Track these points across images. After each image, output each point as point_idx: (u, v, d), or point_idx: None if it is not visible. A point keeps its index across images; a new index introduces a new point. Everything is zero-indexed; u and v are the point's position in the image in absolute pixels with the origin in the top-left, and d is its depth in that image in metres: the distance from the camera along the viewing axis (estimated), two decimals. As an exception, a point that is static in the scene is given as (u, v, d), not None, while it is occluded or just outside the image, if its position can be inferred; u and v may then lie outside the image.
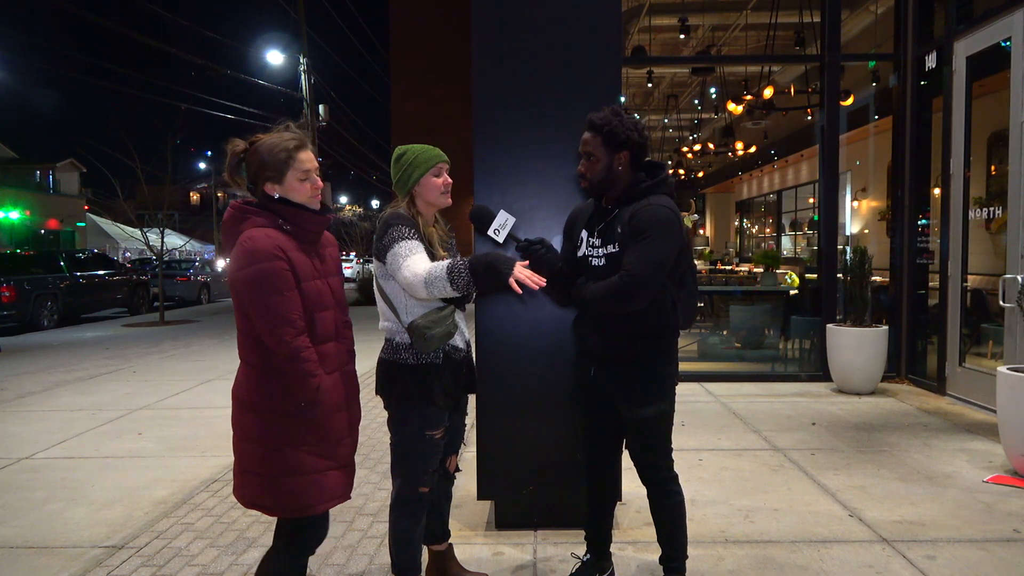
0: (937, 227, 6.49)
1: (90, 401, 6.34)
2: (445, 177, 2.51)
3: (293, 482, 2.12)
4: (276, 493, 2.12)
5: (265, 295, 2.03)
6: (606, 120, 2.39)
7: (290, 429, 2.11)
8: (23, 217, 25.86)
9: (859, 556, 3.05)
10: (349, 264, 32.36)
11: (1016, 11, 5.20)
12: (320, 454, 2.16)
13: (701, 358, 8.04)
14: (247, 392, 2.15)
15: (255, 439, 2.13)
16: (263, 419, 2.12)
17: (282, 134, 2.19)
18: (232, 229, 2.14)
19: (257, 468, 2.13)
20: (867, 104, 9.24)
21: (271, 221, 2.12)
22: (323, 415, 2.14)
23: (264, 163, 2.13)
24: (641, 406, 2.46)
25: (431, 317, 2.39)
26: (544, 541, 3.22)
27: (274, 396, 2.10)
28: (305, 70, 23.45)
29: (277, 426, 2.11)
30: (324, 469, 2.16)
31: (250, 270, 2.03)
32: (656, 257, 2.30)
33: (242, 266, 2.04)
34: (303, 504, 2.14)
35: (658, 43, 11.29)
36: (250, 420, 2.14)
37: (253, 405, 2.13)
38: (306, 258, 2.15)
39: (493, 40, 3.27)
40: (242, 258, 2.05)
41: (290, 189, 2.15)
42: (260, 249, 2.03)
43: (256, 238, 2.06)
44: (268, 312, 2.03)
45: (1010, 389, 4.02)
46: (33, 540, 3.34)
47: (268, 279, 2.03)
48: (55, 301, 13.36)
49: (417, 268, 2.29)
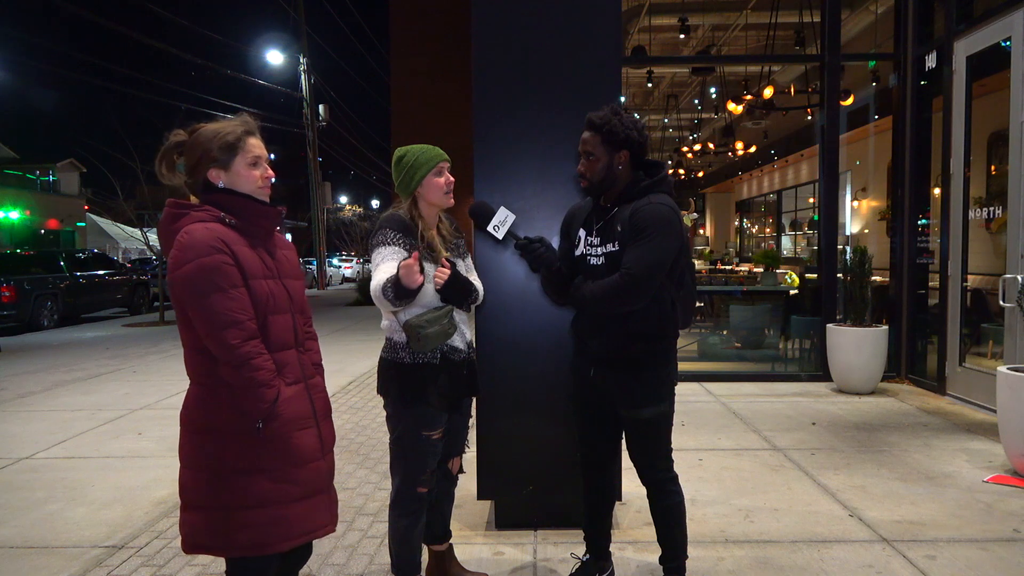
0: (937, 227, 6.49)
1: (90, 401, 6.34)
2: (447, 176, 2.51)
3: (248, 515, 1.84)
4: (227, 530, 1.84)
5: (204, 294, 1.78)
6: (606, 119, 2.39)
7: (244, 452, 1.83)
8: (23, 217, 25.86)
9: (859, 556, 3.05)
10: (349, 264, 32.40)
11: (1016, 11, 5.19)
12: (283, 479, 1.87)
13: (701, 358, 8.04)
14: (192, 412, 1.89)
15: (201, 466, 1.86)
16: (210, 441, 1.84)
17: (234, 119, 1.98)
18: (167, 228, 1.90)
19: (203, 501, 1.85)
20: (867, 104, 9.25)
21: (212, 216, 1.88)
22: (283, 432, 1.87)
23: (208, 148, 1.90)
24: (640, 407, 2.45)
25: (426, 316, 2.39)
26: (544, 541, 3.22)
27: (222, 414, 1.84)
28: (305, 70, 23.45)
29: (228, 450, 1.83)
30: (287, 500, 1.88)
31: (187, 267, 1.78)
32: (656, 257, 2.30)
33: (178, 264, 1.80)
34: (259, 541, 1.85)
35: (658, 43, 11.29)
36: (195, 444, 1.87)
37: (199, 426, 1.86)
38: (254, 254, 1.92)
39: (493, 40, 3.27)
40: (178, 254, 1.81)
41: (237, 176, 1.93)
42: (198, 242, 1.80)
43: (193, 231, 1.82)
44: (209, 312, 1.77)
45: (1010, 389, 4.02)
46: (33, 540, 3.34)
47: (207, 275, 1.78)
48: (55, 301, 13.35)
49: (378, 278, 2.29)
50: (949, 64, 6.03)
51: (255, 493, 1.85)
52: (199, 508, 1.87)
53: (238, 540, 1.84)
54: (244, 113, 2.02)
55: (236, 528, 1.84)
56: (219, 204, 1.92)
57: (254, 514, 1.85)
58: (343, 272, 31.90)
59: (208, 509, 1.85)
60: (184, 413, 1.92)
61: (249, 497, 1.84)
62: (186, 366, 1.93)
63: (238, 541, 1.85)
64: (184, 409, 1.93)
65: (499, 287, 3.24)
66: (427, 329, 2.36)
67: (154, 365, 8.41)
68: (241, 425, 1.84)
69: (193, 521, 1.88)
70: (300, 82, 23.80)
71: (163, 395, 6.53)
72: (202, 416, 1.87)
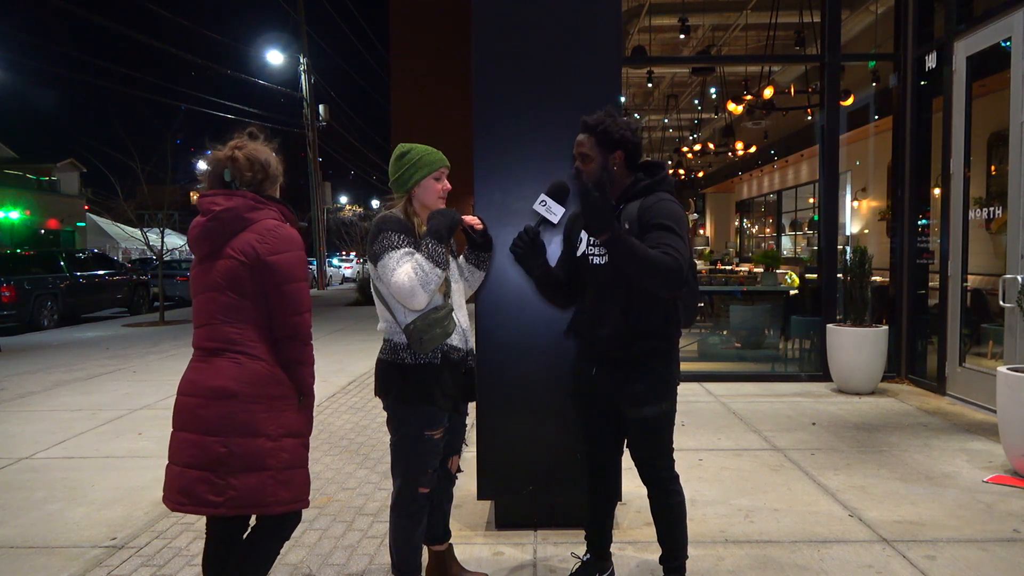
0: (937, 227, 6.49)
1: (90, 401, 6.34)
2: (445, 183, 2.51)
3: (294, 474, 2.13)
4: (277, 487, 2.08)
5: (300, 279, 2.09)
6: (599, 121, 2.40)
7: (294, 419, 2.14)
8: (23, 217, 25.86)
9: (859, 556, 3.05)
10: (349, 264, 32.40)
11: (1016, 11, 5.19)
12: (306, 445, 2.21)
13: (701, 358, 8.04)
14: (250, 385, 2.06)
15: (256, 433, 2.06)
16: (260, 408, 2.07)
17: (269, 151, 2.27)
18: (241, 217, 2.10)
19: (255, 464, 2.05)
20: (867, 104, 9.24)
21: (286, 218, 2.20)
22: (309, 406, 2.21)
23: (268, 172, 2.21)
24: (642, 406, 2.45)
25: (428, 319, 2.39)
26: (544, 541, 3.22)
27: (277, 384, 2.11)
28: (305, 70, 23.45)
29: (281, 417, 2.11)
30: (306, 463, 2.21)
31: (291, 255, 2.08)
32: (687, 250, 2.27)
33: (284, 249, 2.08)
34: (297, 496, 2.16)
35: (658, 43, 11.29)
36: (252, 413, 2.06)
37: (250, 396, 2.06)
38: None
39: (493, 40, 3.27)
40: (283, 242, 2.09)
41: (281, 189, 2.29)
42: (296, 238, 2.12)
43: (285, 227, 2.13)
44: (299, 295, 2.09)
45: (1010, 389, 4.02)
46: (33, 540, 3.34)
47: (303, 266, 2.11)
48: (55, 301, 13.36)
49: (404, 279, 2.29)
50: (949, 64, 6.03)
51: (299, 455, 2.15)
52: (250, 471, 2.04)
53: (283, 496, 2.10)
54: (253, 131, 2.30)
55: (284, 485, 2.09)
56: (282, 212, 2.21)
57: (297, 473, 2.14)
58: (343, 272, 31.92)
59: (260, 471, 2.06)
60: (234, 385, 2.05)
61: (295, 459, 2.13)
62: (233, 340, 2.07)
63: (284, 497, 2.10)
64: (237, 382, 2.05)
65: (498, 287, 3.24)
66: (429, 333, 2.38)
67: (154, 365, 8.41)
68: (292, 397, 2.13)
69: (244, 484, 2.04)
70: (300, 82, 23.81)
71: (163, 395, 6.53)
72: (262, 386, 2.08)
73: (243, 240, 2.08)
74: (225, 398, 2.05)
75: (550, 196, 2.46)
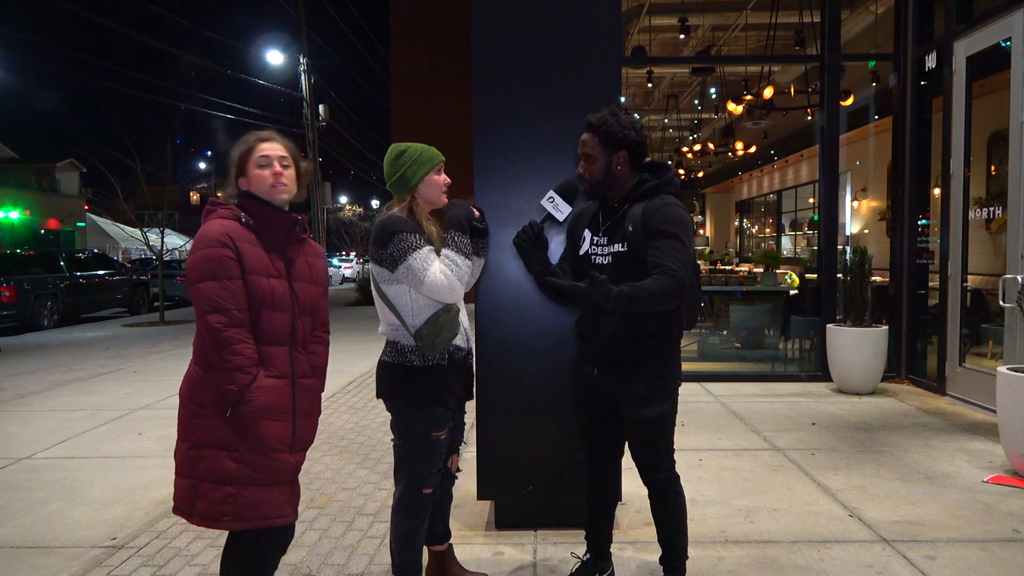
0: (937, 227, 6.49)
1: (90, 401, 6.34)
2: (444, 176, 2.51)
3: (208, 488, 2.02)
4: (193, 498, 2.05)
5: (200, 279, 1.99)
6: (603, 120, 2.40)
7: (216, 429, 2.02)
8: (23, 217, 25.86)
9: (859, 556, 3.05)
10: (349, 264, 32.39)
11: (1016, 11, 5.19)
12: (242, 461, 2.02)
13: (701, 358, 8.04)
14: (186, 386, 2.10)
15: (184, 436, 2.08)
16: (195, 415, 2.05)
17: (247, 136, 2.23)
18: (202, 224, 2.14)
19: (181, 469, 2.09)
20: (867, 104, 9.25)
21: (233, 214, 2.11)
22: (252, 418, 2.00)
23: (232, 161, 2.18)
24: (643, 406, 2.45)
25: (439, 322, 2.40)
26: (544, 541, 3.22)
27: (208, 392, 2.03)
28: (305, 70, 23.45)
29: (206, 425, 2.03)
30: (243, 482, 2.02)
31: (194, 255, 2.03)
32: (690, 257, 2.31)
33: (190, 253, 2.07)
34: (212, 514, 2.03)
35: (658, 43, 11.28)
36: (183, 415, 2.09)
37: (188, 400, 2.08)
38: (262, 253, 2.09)
39: (493, 40, 3.27)
40: (192, 246, 2.08)
41: (252, 178, 2.14)
42: (208, 235, 2.03)
43: (209, 226, 2.06)
44: (201, 297, 1.99)
45: (1010, 389, 4.02)
46: (33, 540, 3.34)
47: (207, 264, 1.99)
48: (55, 301, 13.36)
49: (440, 277, 2.32)
50: (949, 64, 6.03)
51: (217, 469, 2.02)
52: (179, 475, 2.10)
53: (198, 509, 2.04)
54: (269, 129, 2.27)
55: (198, 497, 2.04)
56: (242, 206, 2.14)
57: (213, 488, 2.02)
58: (343, 272, 31.91)
59: (184, 476, 2.08)
60: (181, 387, 2.13)
61: (213, 472, 2.02)
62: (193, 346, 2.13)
63: (198, 510, 2.04)
64: (182, 383, 2.13)
65: (498, 287, 3.24)
66: (441, 335, 2.39)
67: (154, 365, 8.41)
68: (220, 405, 2.02)
69: (177, 485, 2.10)
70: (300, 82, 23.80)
71: (163, 395, 6.53)
72: (192, 391, 2.08)
73: None
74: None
75: (559, 194, 2.48)
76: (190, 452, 2.06)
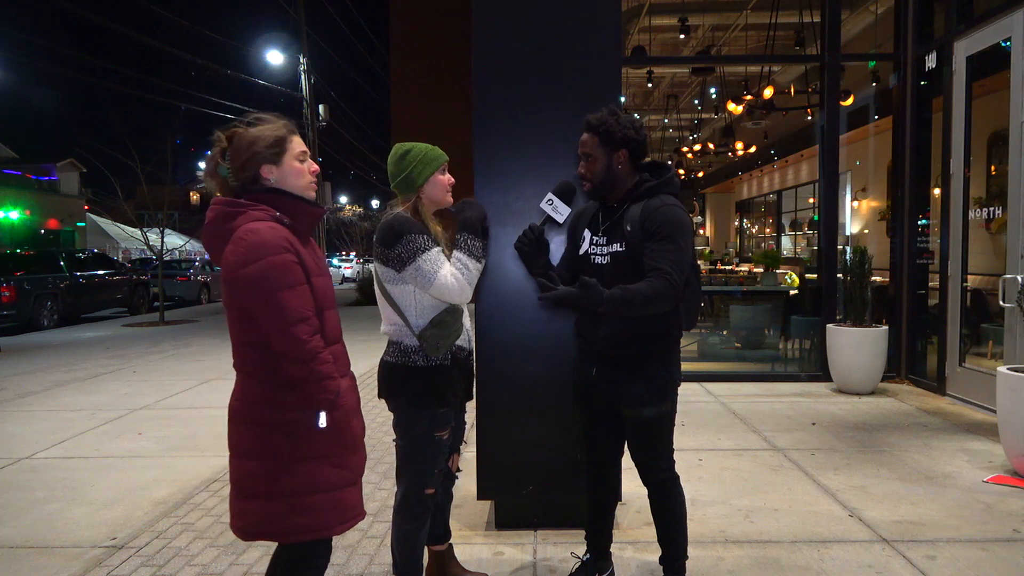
0: (937, 227, 6.49)
1: (90, 401, 6.34)
2: (449, 176, 2.51)
3: (311, 500, 1.91)
4: (291, 515, 1.90)
5: (275, 291, 1.81)
6: (602, 120, 2.40)
7: (307, 441, 1.90)
8: (23, 217, 25.86)
9: (859, 556, 3.05)
10: (349, 264, 32.40)
11: (1016, 11, 5.19)
12: (341, 465, 1.97)
13: (701, 358, 8.04)
14: (249, 406, 1.92)
15: (259, 455, 1.90)
16: (269, 432, 1.89)
17: (272, 120, 2.02)
18: (221, 228, 1.90)
19: (264, 490, 1.89)
20: (867, 104, 9.25)
21: (270, 215, 1.90)
22: (343, 420, 1.96)
23: (257, 146, 1.94)
24: (643, 406, 2.45)
25: (443, 323, 2.40)
26: (544, 541, 3.22)
27: (285, 405, 1.89)
28: (305, 70, 23.45)
29: (291, 439, 1.89)
30: (344, 484, 1.97)
31: (256, 265, 1.81)
32: (686, 260, 2.31)
33: (246, 262, 1.81)
34: (320, 524, 1.93)
35: (658, 43, 11.29)
36: (254, 436, 1.90)
37: (255, 418, 1.90)
38: (308, 252, 1.97)
39: (493, 40, 3.27)
40: (245, 253, 1.82)
41: (288, 171, 1.97)
42: (267, 242, 1.82)
43: (259, 230, 1.84)
44: (280, 309, 1.81)
45: (1010, 389, 4.02)
46: (33, 540, 3.34)
47: (278, 273, 1.82)
48: (55, 301, 13.36)
49: (451, 280, 2.33)
50: (949, 64, 6.03)
51: (319, 479, 1.92)
52: (260, 497, 1.91)
53: (300, 524, 1.91)
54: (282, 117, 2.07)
55: (299, 513, 1.90)
56: (272, 203, 1.94)
57: (317, 498, 1.92)
58: (343, 272, 31.93)
59: (270, 497, 1.90)
60: (237, 407, 1.95)
61: (313, 483, 1.91)
62: (238, 361, 1.96)
63: (300, 525, 1.91)
64: (237, 402, 1.95)
65: (498, 288, 3.24)
66: (445, 336, 2.39)
67: (154, 365, 8.41)
68: (301, 416, 1.89)
69: (253, 509, 1.92)
70: (300, 82, 23.80)
71: (163, 395, 6.53)
72: (259, 409, 1.91)
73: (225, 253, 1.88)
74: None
75: (557, 196, 2.49)
76: (273, 471, 1.90)
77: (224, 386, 6.95)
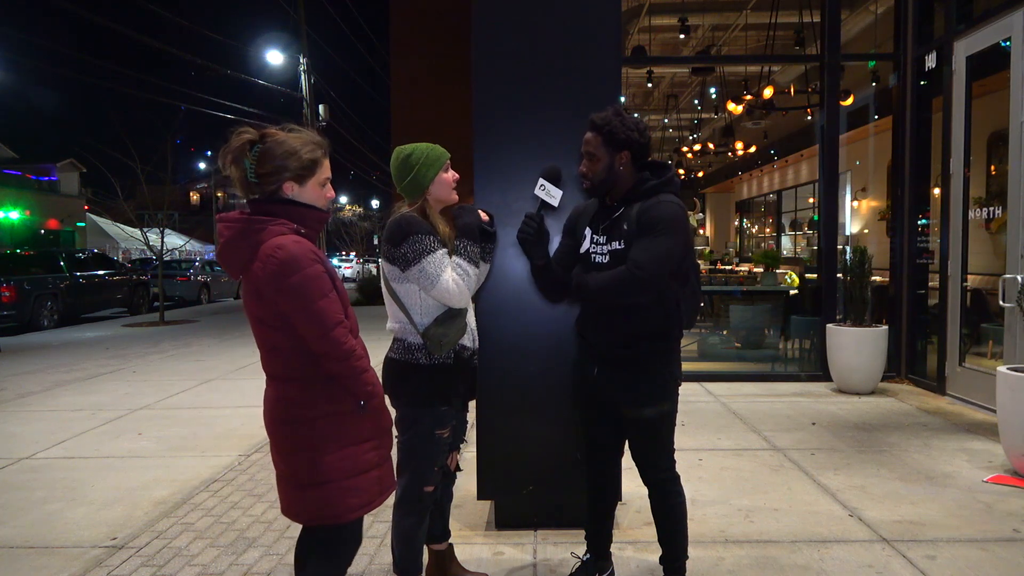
0: (937, 227, 6.49)
1: (90, 401, 6.34)
2: (453, 172, 2.51)
3: (359, 481, 2.10)
4: (342, 497, 2.08)
5: (313, 301, 1.97)
6: (607, 120, 2.40)
7: (351, 428, 2.08)
8: (23, 217, 25.86)
9: (859, 556, 3.05)
10: (349, 264, 32.40)
11: (1016, 11, 5.20)
12: (380, 445, 2.16)
13: (701, 358, 8.04)
14: (289, 406, 2.07)
15: (306, 448, 2.06)
16: (314, 427, 2.05)
17: (310, 136, 2.13)
18: (244, 243, 2.02)
19: (316, 478, 2.06)
20: (867, 104, 9.25)
21: (288, 227, 2.04)
22: (379, 405, 2.13)
23: (288, 163, 2.05)
24: (643, 406, 2.46)
25: (447, 322, 2.41)
26: (544, 541, 3.22)
27: (329, 399, 2.05)
28: (305, 70, 23.45)
29: (335, 429, 2.06)
30: (382, 461, 2.17)
31: (295, 278, 1.96)
32: (663, 251, 2.30)
33: (284, 275, 1.96)
34: (367, 501, 2.12)
35: (658, 43, 11.29)
36: (298, 433, 2.06)
37: (297, 418, 2.06)
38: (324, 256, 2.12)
39: (493, 40, 3.27)
40: (278, 268, 1.96)
41: (309, 193, 2.09)
42: (299, 256, 1.97)
43: (286, 246, 1.98)
44: (320, 317, 1.98)
45: (1010, 389, 4.02)
46: (33, 540, 3.34)
47: (314, 284, 1.98)
48: (55, 301, 13.36)
49: (452, 285, 2.35)
50: (949, 64, 6.03)
51: (364, 460, 2.10)
52: (315, 485, 2.07)
53: (352, 504, 2.09)
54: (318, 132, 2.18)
55: (349, 494, 2.08)
56: (286, 214, 2.05)
57: (363, 479, 2.10)
58: (343, 272, 31.93)
59: (322, 484, 2.06)
60: (277, 409, 2.09)
61: (359, 464, 2.09)
62: (270, 367, 2.11)
63: (353, 504, 2.09)
64: (275, 405, 2.09)
65: (499, 288, 3.24)
66: (448, 335, 2.40)
67: (154, 365, 8.41)
68: (341, 407, 2.06)
69: (310, 496, 2.08)
70: (300, 82, 23.80)
71: (163, 395, 6.53)
72: (298, 408, 2.06)
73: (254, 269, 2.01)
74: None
75: (546, 179, 2.52)
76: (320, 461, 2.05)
77: (224, 386, 6.96)
